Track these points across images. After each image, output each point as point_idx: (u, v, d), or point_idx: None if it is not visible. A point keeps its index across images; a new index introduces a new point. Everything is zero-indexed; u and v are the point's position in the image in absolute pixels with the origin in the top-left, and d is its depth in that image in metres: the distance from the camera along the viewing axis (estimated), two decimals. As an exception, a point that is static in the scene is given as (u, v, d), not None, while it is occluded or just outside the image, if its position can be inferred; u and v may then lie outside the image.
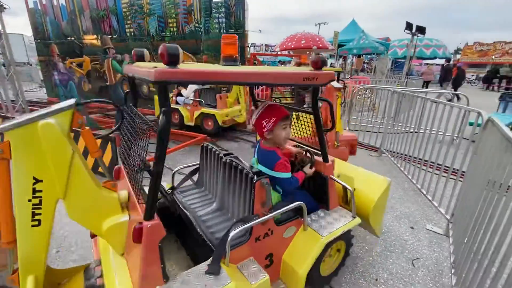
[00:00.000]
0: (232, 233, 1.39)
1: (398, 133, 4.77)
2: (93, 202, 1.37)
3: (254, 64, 8.66)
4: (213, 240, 1.63)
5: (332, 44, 14.23)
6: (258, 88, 8.11)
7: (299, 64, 4.84)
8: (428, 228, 3.00)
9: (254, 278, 1.45)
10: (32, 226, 1.24)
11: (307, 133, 2.21)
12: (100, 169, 3.75)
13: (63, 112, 1.23)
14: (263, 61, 17.99)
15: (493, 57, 24.13)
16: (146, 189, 1.29)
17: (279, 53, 14.15)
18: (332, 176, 1.97)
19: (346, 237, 2.02)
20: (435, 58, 15.46)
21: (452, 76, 12.98)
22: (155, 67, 1.05)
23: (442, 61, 22.50)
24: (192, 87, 6.31)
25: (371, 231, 2.37)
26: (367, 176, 2.31)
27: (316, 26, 29.96)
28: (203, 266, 1.41)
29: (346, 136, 3.93)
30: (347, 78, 9.96)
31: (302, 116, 2.22)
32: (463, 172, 2.89)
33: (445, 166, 3.28)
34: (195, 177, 2.35)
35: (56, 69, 5.38)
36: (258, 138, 2.12)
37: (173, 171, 2.26)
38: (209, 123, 5.98)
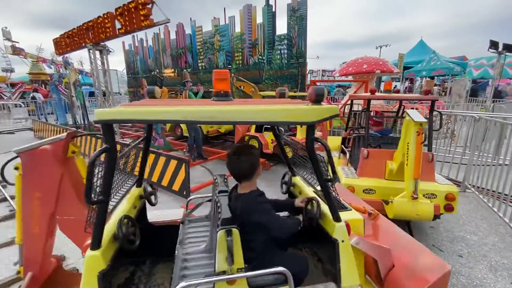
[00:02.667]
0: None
1: (487, 165, 4.12)
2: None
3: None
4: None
5: (396, 67, 13.46)
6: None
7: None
8: (540, 287, 2.43)
9: None
10: None
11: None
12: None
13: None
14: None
15: None
16: None
17: (337, 78, 14.04)
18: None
19: None
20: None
21: None
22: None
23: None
24: None
25: None
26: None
27: (377, 49, 28.84)
28: None
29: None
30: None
31: None
32: None
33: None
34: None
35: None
36: None
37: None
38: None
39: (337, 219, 1.40)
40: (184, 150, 6.21)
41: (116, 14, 6.71)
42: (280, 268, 1.22)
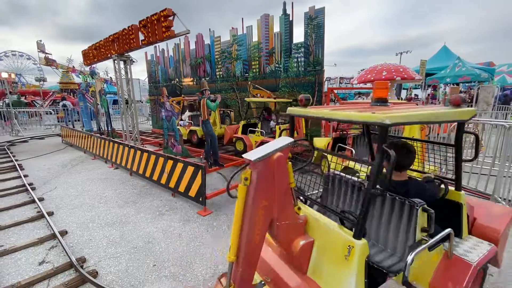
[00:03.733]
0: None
1: (519, 178, 3.85)
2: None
3: (332, 100, 8.64)
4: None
5: (418, 74, 13.04)
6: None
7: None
8: None
9: None
10: None
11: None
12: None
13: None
14: (340, 94, 17.76)
15: None
16: None
17: (355, 86, 13.80)
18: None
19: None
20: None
21: None
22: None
23: None
24: (187, 114, 9.25)
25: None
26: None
27: (397, 56, 28.12)
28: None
29: None
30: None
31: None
32: None
33: None
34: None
35: (164, 107, 6.72)
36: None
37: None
38: (195, 136, 8.85)
39: (460, 189, 2.00)
40: (201, 156, 6.31)
41: (140, 26, 7.04)
42: (450, 229, 1.71)
